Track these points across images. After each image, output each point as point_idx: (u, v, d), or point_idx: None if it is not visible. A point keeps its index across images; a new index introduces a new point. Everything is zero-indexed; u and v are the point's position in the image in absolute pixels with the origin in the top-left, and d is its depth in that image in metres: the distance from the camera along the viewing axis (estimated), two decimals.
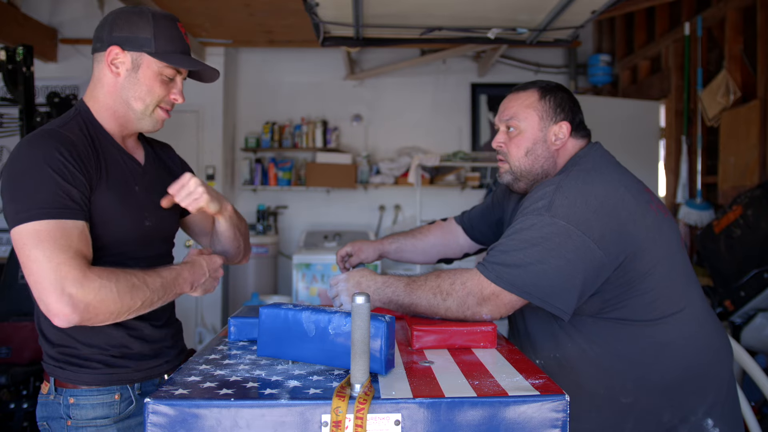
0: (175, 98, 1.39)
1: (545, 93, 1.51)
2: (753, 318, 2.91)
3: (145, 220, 1.37)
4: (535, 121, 1.50)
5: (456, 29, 1.98)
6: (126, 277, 1.21)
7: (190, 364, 1.12)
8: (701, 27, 3.92)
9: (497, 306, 1.33)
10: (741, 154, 3.56)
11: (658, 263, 1.36)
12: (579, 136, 1.53)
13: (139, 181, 1.39)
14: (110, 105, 1.36)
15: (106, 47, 1.33)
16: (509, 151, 1.54)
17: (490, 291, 1.32)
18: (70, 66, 5.38)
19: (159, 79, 1.35)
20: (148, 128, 1.40)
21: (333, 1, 1.73)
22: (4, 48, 3.59)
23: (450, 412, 0.91)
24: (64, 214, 1.18)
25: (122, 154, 1.37)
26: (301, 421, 0.90)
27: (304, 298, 5.01)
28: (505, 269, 1.31)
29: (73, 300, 1.13)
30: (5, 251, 4.79)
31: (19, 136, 3.63)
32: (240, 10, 4.41)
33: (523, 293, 1.30)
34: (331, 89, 5.74)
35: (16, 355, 3.06)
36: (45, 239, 1.14)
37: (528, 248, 1.30)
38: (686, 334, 1.39)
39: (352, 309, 0.92)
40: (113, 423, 1.31)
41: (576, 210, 1.31)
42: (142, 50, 1.32)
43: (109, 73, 1.34)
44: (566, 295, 1.30)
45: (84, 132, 1.31)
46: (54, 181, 1.18)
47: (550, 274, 1.29)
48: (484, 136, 5.82)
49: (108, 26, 1.34)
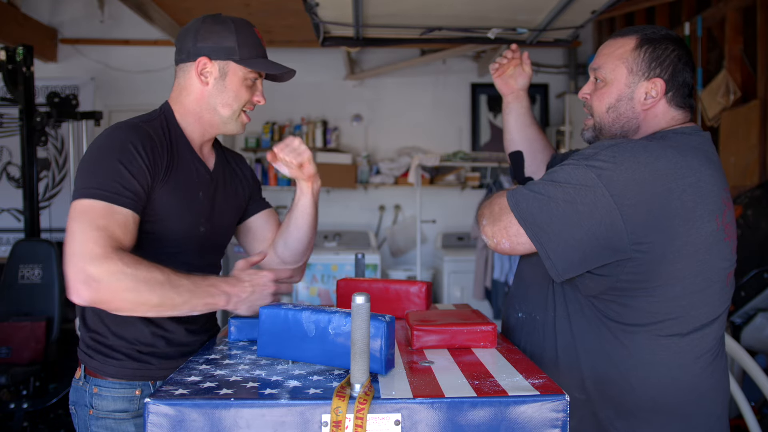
0: (258, 100, 1.45)
1: (644, 42, 1.30)
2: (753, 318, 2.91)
3: (200, 226, 1.41)
4: (622, 74, 1.31)
5: (456, 29, 1.98)
6: (151, 270, 1.19)
7: (190, 364, 1.12)
8: (701, 27, 3.92)
9: (498, 228, 1.27)
10: (741, 154, 3.56)
11: (686, 279, 1.20)
12: (675, 105, 1.31)
13: (205, 188, 1.43)
14: (197, 111, 1.41)
15: (193, 58, 1.38)
16: (592, 104, 1.37)
17: (499, 207, 1.27)
18: (70, 66, 5.38)
19: (244, 84, 1.41)
20: (234, 131, 1.46)
21: (333, 1, 1.73)
22: (4, 48, 3.59)
23: (450, 412, 0.91)
24: (114, 199, 1.22)
25: (195, 159, 1.42)
26: (301, 421, 0.90)
27: (304, 298, 5.02)
28: (523, 191, 1.24)
29: (89, 277, 1.15)
30: (5, 251, 4.79)
31: (19, 136, 3.64)
32: (240, 10, 4.41)
33: (522, 220, 1.23)
34: (331, 89, 5.74)
35: (16, 355, 3.06)
36: (86, 216, 1.20)
37: (549, 184, 1.22)
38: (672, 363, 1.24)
39: (352, 309, 0.92)
40: (131, 418, 1.34)
41: (616, 171, 1.16)
42: (229, 59, 1.38)
43: (198, 83, 1.39)
44: (563, 250, 1.20)
45: (164, 131, 1.37)
46: (117, 168, 1.24)
47: (555, 217, 1.19)
48: (484, 136, 5.82)
49: (192, 37, 1.39)
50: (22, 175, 3.66)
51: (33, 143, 3.62)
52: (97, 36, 5.41)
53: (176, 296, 1.21)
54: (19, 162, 4.18)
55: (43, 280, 3.21)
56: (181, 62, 1.41)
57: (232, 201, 1.54)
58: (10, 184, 5.17)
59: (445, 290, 5.11)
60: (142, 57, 5.47)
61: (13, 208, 5.12)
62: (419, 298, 1.57)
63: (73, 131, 4.61)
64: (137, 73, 5.37)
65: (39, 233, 3.71)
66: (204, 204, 1.42)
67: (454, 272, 5.07)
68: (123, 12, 5.04)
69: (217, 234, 1.49)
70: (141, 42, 5.38)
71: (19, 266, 3.23)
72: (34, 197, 3.65)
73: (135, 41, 5.41)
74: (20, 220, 4.91)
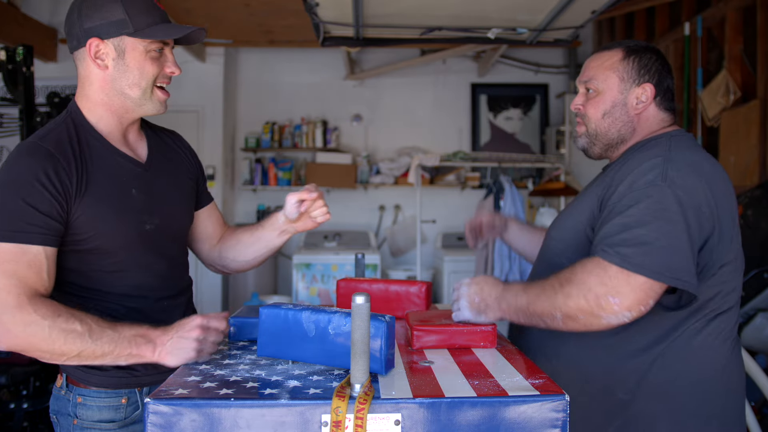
0: (172, 71, 1.30)
1: (630, 53, 1.41)
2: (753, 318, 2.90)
3: (145, 224, 1.30)
4: (614, 83, 1.40)
5: (456, 29, 1.98)
6: (69, 320, 1.13)
7: (190, 364, 1.12)
8: (701, 27, 3.92)
9: (629, 291, 1.17)
10: (741, 154, 3.56)
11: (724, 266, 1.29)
12: (663, 108, 1.42)
13: (138, 183, 1.31)
14: (104, 100, 1.28)
15: (84, 42, 1.24)
16: (587, 112, 1.44)
17: (616, 272, 1.17)
18: (70, 66, 5.32)
19: (148, 57, 1.26)
20: (152, 111, 1.31)
21: (333, 1, 1.73)
22: (4, 48, 3.59)
23: (450, 412, 0.91)
24: (21, 238, 1.14)
25: (117, 156, 1.30)
26: (301, 421, 0.90)
27: (304, 298, 5.01)
28: (630, 250, 1.17)
29: (4, 326, 1.11)
30: None
31: (19, 136, 3.63)
32: (240, 10, 4.41)
33: (655, 274, 1.17)
34: (331, 89, 5.74)
35: (16, 354, 3.04)
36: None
37: (651, 223, 1.19)
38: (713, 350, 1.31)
39: (352, 309, 0.92)
40: (118, 428, 1.29)
41: (689, 180, 1.24)
42: (122, 33, 1.23)
43: (96, 69, 1.26)
44: (692, 266, 1.20)
45: (72, 139, 1.25)
46: (19, 206, 1.15)
47: (679, 250, 1.19)
48: (484, 136, 5.82)
49: (77, 18, 1.25)
50: None
51: None
52: None
53: (96, 348, 1.14)
54: None
55: None
56: (74, 50, 1.27)
57: (179, 184, 1.42)
58: None
59: (445, 290, 5.11)
60: None
61: None
62: (419, 298, 1.56)
63: None
64: None
65: None
66: (142, 200, 1.30)
67: (454, 272, 5.07)
68: None
69: (170, 226, 1.37)
70: None
71: None
72: None
73: None
74: None
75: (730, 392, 1.34)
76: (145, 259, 1.32)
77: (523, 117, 5.83)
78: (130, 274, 1.30)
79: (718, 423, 1.32)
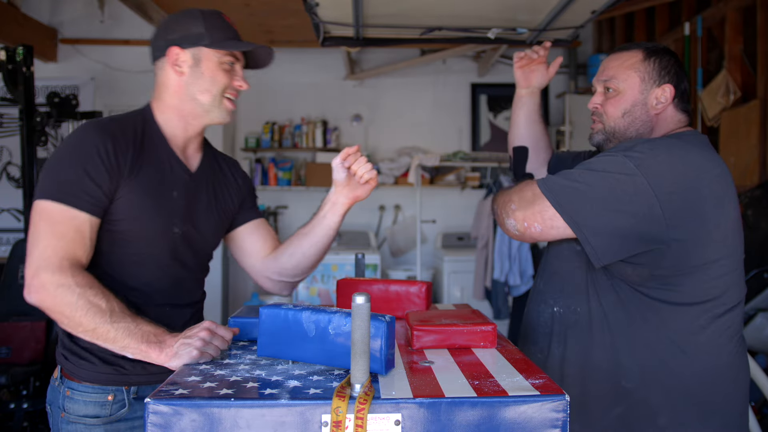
0: (240, 84, 1.42)
1: (650, 54, 1.43)
2: (753, 318, 2.91)
3: (174, 227, 1.38)
4: (635, 83, 1.42)
5: (456, 29, 1.98)
6: (97, 296, 1.21)
7: (190, 364, 1.12)
8: (701, 27, 3.92)
9: (531, 213, 1.31)
10: (741, 154, 3.56)
11: (719, 260, 1.30)
12: (680, 109, 1.45)
13: (181, 188, 1.40)
14: (176, 105, 1.40)
15: (165, 51, 1.38)
16: (605, 111, 1.46)
17: (532, 193, 1.31)
18: (70, 66, 5.38)
19: (221, 68, 1.39)
20: (219, 119, 1.42)
21: (333, 1, 1.73)
22: (4, 48, 3.59)
23: (450, 412, 0.91)
24: (73, 202, 1.24)
25: (171, 158, 1.40)
26: (301, 421, 0.90)
27: (304, 298, 5.02)
28: (555, 178, 1.30)
29: (40, 281, 1.20)
30: (5, 251, 4.79)
31: (19, 136, 3.64)
32: (240, 10, 4.41)
33: (559, 205, 1.27)
34: (331, 89, 5.74)
35: (16, 355, 3.06)
36: (48, 220, 1.23)
37: (586, 172, 1.28)
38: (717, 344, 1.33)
39: (352, 309, 0.92)
40: (102, 424, 1.32)
41: (655, 162, 1.25)
42: (200, 44, 1.37)
43: (174, 75, 1.39)
44: (603, 234, 1.26)
45: (136, 129, 1.36)
46: (78, 172, 1.25)
47: (594, 202, 1.25)
48: (484, 136, 5.82)
49: (162, 32, 1.40)
50: (22, 175, 3.66)
51: (33, 143, 3.62)
52: (97, 36, 5.41)
53: (111, 330, 1.20)
54: (19, 162, 4.18)
55: None
56: (156, 59, 1.41)
57: (217, 205, 1.50)
58: (10, 184, 5.17)
59: (445, 290, 5.11)
60: (142, 57, 5.42)
61: (13, 208, 5.12)
62: (419, 298, 1.56)
63: None
64: (137, 73, 5.36)
65: None
66: (179, 204, 1.39)
67: (454, 272, 5.07)
68: (123, 12, 5.04)
69: (196, 238, 1.44)
70: (141, 42, 5.37)
71: (19, 266, 3.23)
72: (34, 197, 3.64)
73: (135, 41, 5.41)
74: (20, 220, 4.91)
75: (733, 391, 1.35)
76: (164, 259, 1.38)
77: None
78: (145, 270, 1.36)
79: (719, 420, 1.33)
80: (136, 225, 1.32)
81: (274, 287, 1.59)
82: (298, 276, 1.58)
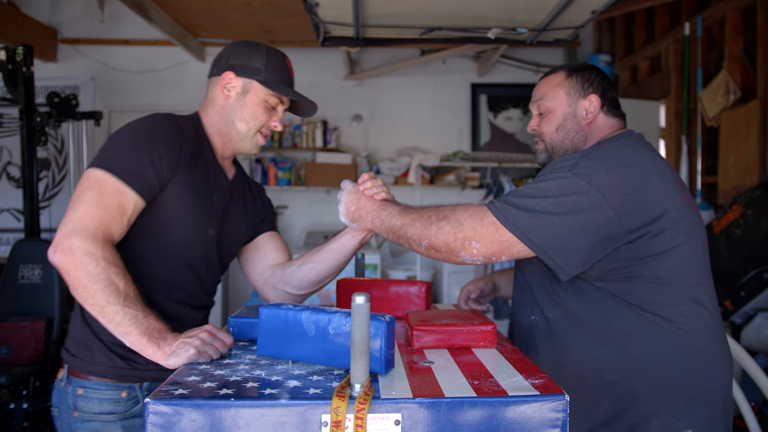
0: (275, 125, 1.50)
1: (572, 72, 1.55)
2: (753, 318, 2.91)
3: (210, 228, 1.44)
4: (563, 99, 1.54)
5: (456, 29, 1.98)
6: (118, 275, 1.22)
7: (190, 364, 1.12)
8: (701, 27, 3.92)
9: (491, 242, 1.30)
10: (741, 154, 3.56)
11: (677, 248, 1.35)
12: (611, 115, 1.54)
13: (220, 193, 1.48)
14: (217, 123, 1.48)
15: (221, 72, 1.47)
16: (542, 130, 1.57)
17: (490, 222, 1.30)
18: (70, 66, 5.38)
19: (264, 105, 1.47)
20: (247, 150, 1.50)
21: (333, 1, 1.73)
22: (4, 48, 3.59)
23: (450, 412, 0.91)
24: (127, 179, 1.27)
25: (216, 165, 1.48)
26: (301, 421, 0.90)
27: None
28: (513, 209, 1.30)
29: (69, 244, 1.20)
30: (5, 251, 4.79)
31: (19, 136, 3.64)
32: (240, 10, 4.41)
33: (525, 238, 1.29)
34: (331, 89, 5.74)
35: (16, 355, 3.06)
36: (96, 189, 1.25)
37: (542, 198, 1.30)
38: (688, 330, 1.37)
39: (352, 309, 0.92)
40: (119, 420, 1.33)
41: (600, 174, 1.31)
42: (253, 78, 1.45)
43: (221, 96, 1.47)
44: (570, 253, 1.30)
45: (195, 131, 1.44)
46: (139, 152, 1.29)
47: (558, 228, 1.28)
48: (484, 136, 5.82)
49: (227, 55, 1.48)
50: (22, 175, 3.66)
51: (33, 143, 3.63)
52: (97, 36, 5.41)
53: (119, 312, 1.20)
54: (19, 162, 4.18)
55: (43, 280, 3.21)
56: (212, 76, 1.50)
57: (245, 216, 1.58)
58: (10, 184, 5.17)
59: (445, 290, 5.11)
60: (142, 57, 5.46)
61: (13, 208, 5.12)
62: (419, 298, 1.57)
63: (73, 131, 4.61)
64: (137, 73, 5.37)
65: (39, 233, 3.71)
66: (217, 208, 1.46)
67: (454, 272, 5.07)
68: (123, 12, 5.04)
69: (225, 242, 1.51)
70: (141, 42, 5.37)
71: (19, 266, 3.23)
72: (34, 197, 3.65)
73: (135, 41, 5.41)
74: (20, 220, 4.91)
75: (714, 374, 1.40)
76: (194, 258, 1.43)
77: (523, 117, 5.82)
78: (172, 264, 1.40)
79: (703, 404, 1.37)
80: (177, 219, 1.37)
81: (276, 298, 1.61)
82: (303, 288, 1.59)
